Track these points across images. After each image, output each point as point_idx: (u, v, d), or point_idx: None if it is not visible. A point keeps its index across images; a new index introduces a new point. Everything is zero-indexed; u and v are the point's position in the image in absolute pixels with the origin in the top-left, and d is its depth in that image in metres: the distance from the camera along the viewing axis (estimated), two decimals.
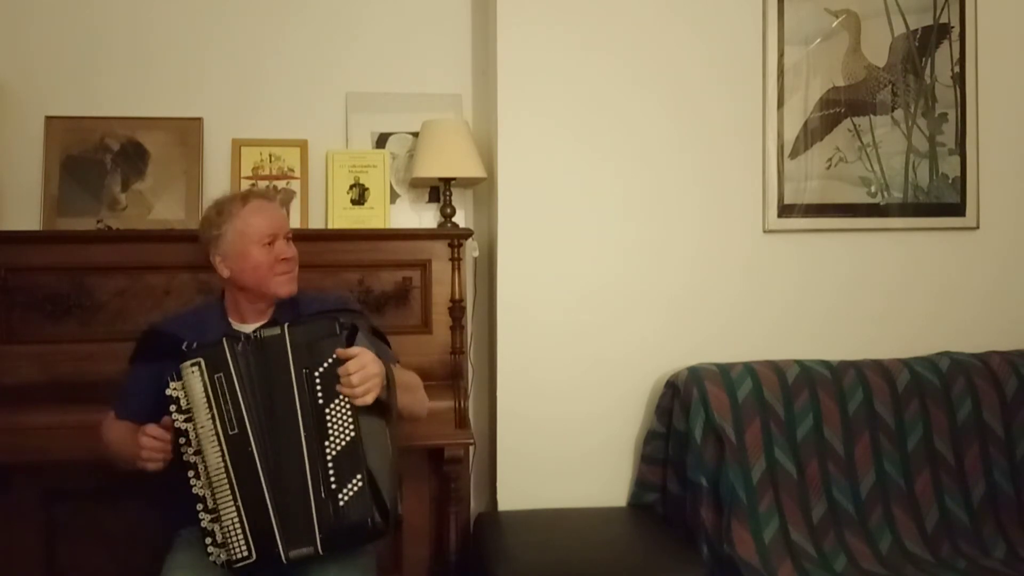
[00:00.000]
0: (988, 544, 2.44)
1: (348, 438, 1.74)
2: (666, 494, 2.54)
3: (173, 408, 1.76)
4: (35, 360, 2.41)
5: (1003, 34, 2.84)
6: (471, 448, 2.51)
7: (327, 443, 1.73)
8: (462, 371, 2.53)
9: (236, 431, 1.73)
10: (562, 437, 2.64)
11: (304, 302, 2.06)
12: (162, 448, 1.76)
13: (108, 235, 2.60)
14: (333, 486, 1.72)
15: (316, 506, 1.72)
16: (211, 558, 1.74)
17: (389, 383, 1.80)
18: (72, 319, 2.44)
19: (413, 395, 1.97)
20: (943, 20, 2.81)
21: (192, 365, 1.75)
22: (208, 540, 1.74)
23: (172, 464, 1.78)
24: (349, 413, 1.74)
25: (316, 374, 1.75)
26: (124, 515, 2.39)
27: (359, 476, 1.72)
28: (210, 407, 1.74)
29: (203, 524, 1.75)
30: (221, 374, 1.74)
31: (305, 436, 1.74)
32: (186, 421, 1.75)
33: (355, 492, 1.72)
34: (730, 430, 2.41)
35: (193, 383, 1.74)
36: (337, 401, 1.74)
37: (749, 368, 2.52)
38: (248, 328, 1.97)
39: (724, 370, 2.51)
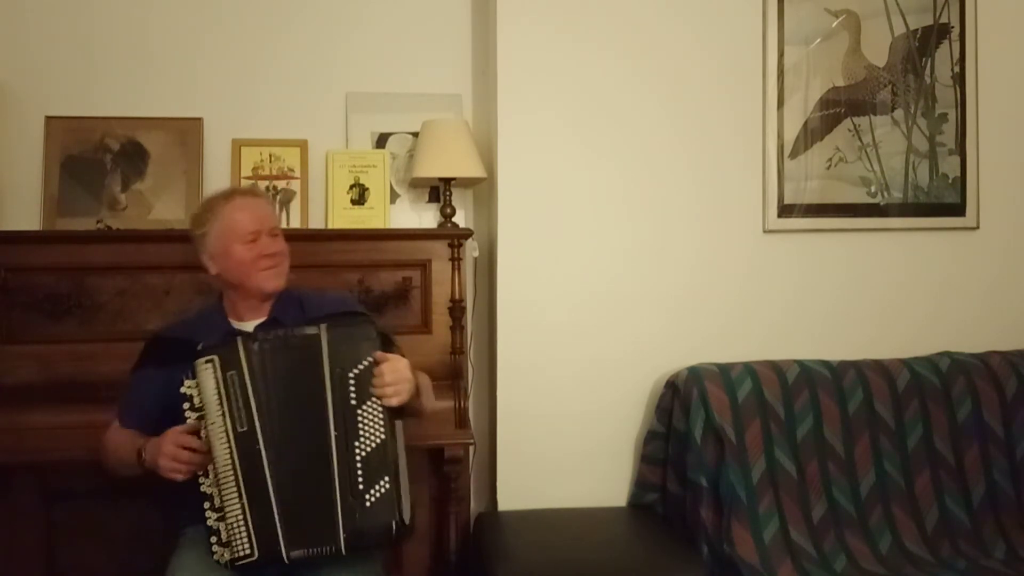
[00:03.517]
0: (988, 544, 2.43)
1: (379, 440, 1.75)
2: (666, 494, 2.54)
3: (187, 406, 1.77)
4: (35, 360, 2.41)
5: (1003, 34, 2.84)
6: (471, 448, 2.51)
7: (357, 444, 1.74)
8: (462, 371, 2.53)
9: (245, 428, 1.74)
10: (562, 437, 2.64)
11: (308, 302, 2.05)
12: (189, 459, 1.74)
13: (108, 235, 2.60)
14: (361, 487, 1.73)
15: (342, 506, 1.73)
16: (215, 557, 1.75)
17: (417, 390, 1.83)
18: (72, 319, 2.44)
19: (428, 397, 2.00)
20: (943, 20, 2.81)
21: (206, 362, 1.76)
22: (213, 539, 1.75)
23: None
24: (381, 415, 1.75)
25: (351, 375, 1.76)
26: (124, 515, 2.40)
27: (386, 478, 1.73)
28: (221, 404, 1.75)
29: (209, 523, 1.75)
30: (234, 371, 1.76)
31: (335, 436, 1.75)
32: (198, 419, 1.77)
33: (382, 494, 1.73)
34: (730, 430, 2.41)
35: (206, 380, 1.76)
36: (370, 403, 1.75)
37: (749, 368, 2.52)
38: (247, 326, 1.98)
39: (724, 370, 2.51)
